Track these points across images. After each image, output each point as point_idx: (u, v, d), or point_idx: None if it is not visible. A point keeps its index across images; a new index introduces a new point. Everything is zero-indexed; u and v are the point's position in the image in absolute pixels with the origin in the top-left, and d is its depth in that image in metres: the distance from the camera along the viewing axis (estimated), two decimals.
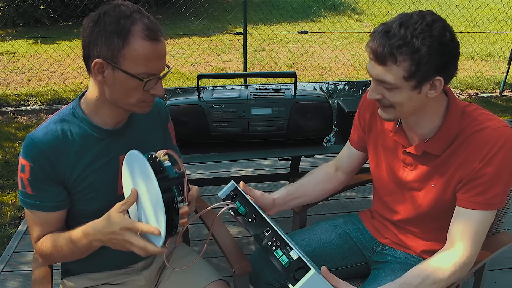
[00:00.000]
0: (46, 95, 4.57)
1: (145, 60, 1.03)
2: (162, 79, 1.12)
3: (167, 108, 1.36)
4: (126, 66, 1.03)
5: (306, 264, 0.97)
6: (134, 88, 1.06)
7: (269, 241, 1.07)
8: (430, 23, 1.04)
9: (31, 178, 1.10)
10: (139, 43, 1.02)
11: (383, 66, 1.07)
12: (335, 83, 2.62)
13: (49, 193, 1.12)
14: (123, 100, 1.09)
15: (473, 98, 4.85)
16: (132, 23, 1.02)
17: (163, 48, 1.07)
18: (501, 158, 1.11)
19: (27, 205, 1.13)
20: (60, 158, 1.10)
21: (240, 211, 1.17)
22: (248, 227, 1.15)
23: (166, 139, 1.34)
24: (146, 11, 1.08)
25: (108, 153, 1.17)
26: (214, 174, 3.12)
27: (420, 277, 1.12)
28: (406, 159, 1.27)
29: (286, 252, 1.02)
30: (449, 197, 1.20)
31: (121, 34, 1.01)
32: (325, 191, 1.49)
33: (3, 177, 3.08)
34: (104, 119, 1.15)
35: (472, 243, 1.15)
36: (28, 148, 1.09)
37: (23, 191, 1.12)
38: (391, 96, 1.11)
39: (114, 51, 1.02)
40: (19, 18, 6.74)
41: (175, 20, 7.17)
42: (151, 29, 1.03)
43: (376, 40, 1.06)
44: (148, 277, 1.35)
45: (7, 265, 2.23)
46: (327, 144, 1.88)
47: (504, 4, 7.88)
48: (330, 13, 8.45)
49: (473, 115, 1.17)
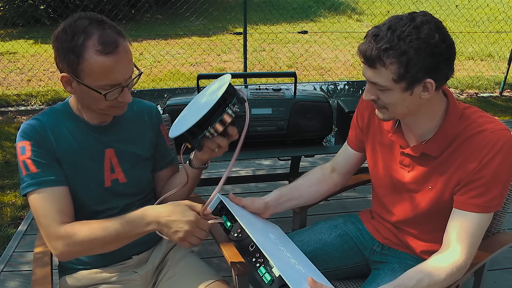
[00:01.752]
0: (46, 95, 4.57)
1: (102, 73, 1.06)
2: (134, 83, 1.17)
3: (159, 111, 1.39)
4: (86, 80, 1.08)
5: (286, 283, 0.96)
6: (100, 98, 1.10)
7: (253, 257, 1.05)
8: (418, 25, 1.04)
9: (33, 155, 1.13)
10: (93, 58, 1.05)
11: (373, 69, 1.09)
12: (335, 83, 2.62)
13: (52, 167, 1.15)
14: (93, 106, 1.16)
15: (473, 98, 4.85)
16: (86, 39, 1.05)
17: (123, 58, 1.08)
18: (499, 161, 1.11)
19: (33, 186, 1.12)
20: (53, 138, 1.17)
21: (226, 225, 1.14)
22: (234, 242, 1.12)
23: (159, 140, 1.37)
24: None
25: (95, 145, 1.23)
26: (214, 174, 3.12)
27: (415, 279, 1.12)
28: (404, 160, 1.27)
29: (269, 269, 1.01)
30: (447, 199, 1.20)
31: (75, 51, 1.05)
32: (319, 193, 1.48)
33: (3, 177, 3.08)
34: (90, 118, 1.22)
35: (468, 245, 1.14)
36: (25, 131, 1.15)
37: (27, 174, 1.13)
38: (384, 97, 1.13)
39: (73, 67, 1.07)
40: (19, 18, 6.74)
41: (175, 20, 7.17)
42: (105, 43, 1.05)
43: (365, 43, 1.08)
44: (144, 277, 1.35)
45: (7, 265, 2.23)
46: (327, 144, 1.88)
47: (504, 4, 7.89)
48: (330, 13, 8.45)
49: (472, 117, 1.16)
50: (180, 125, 1.13)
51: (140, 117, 1.33)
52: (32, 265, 1.31)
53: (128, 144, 1.28)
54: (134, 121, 1.31)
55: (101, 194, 1.24)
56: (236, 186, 2.92)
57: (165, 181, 1.40)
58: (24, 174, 1.14)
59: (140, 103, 1.36)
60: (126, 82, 1.11)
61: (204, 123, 1.06)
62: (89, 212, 1.23)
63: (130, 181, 1.28)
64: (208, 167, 1.30)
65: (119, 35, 1.08)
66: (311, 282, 1.06)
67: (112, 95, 1.10)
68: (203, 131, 1.08)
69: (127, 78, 1.12)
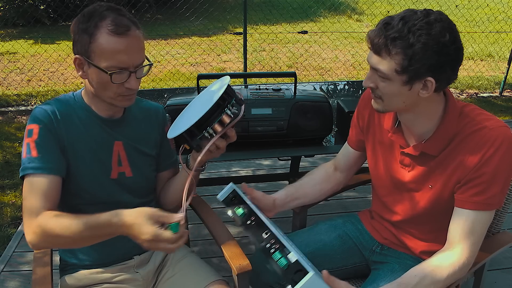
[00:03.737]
0: (46, 95, 4.57)
1: (111, 53, 1.09)
2: (144, 73, 1.18)
3: (165, 113, 1.40)
4: (96, 61, 1.11)
5: (304, 267, 0.97)
6: (108, 81, 1.12)
7: (267, 243, 1.06)
8: (431, 21, 1.03)
9: (39, 139, 1.15)
10: (104, 37, 1.08)
11: (378, 56, 1.09)
12: (335, 83, 2.62)
13: (53, 155, 1.16)
14: (102, 93, 1.17)
15: (473, 98, 4.85)
16: (100, 19, 1.09)
17: (133, 43, 1.11)
18: (499, 159, 1.11)
19: (30, 170, 1.13)
20: (63, 125, 1.18)
21: (239, 213, 1.16)
22: (246, 229, 1.15)
23: (163, 141, 1.38)
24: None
25: (104, 136, 1.24)
26: (214, 174, 3.12)
27: (418, 277, 1.12)
28: (404, 160, 1.27)
29: (284, 254, 1.02)
30: (447, 198, 1.20)
31: (89, 30, 1.09)
32: (324, 191, 1.49)
33: (3, 177, 3.08)
34: (99, 110, 1.24)
35: (471, 244, 1.14)
36: (37, 114, 1.16)
37: (27, 157, 1.14)
38: (383, 87, 1.12)
39: (85, 46, 1.10)
40: (19, 18, 6.74)
41: (175, 20, 7.16)
42: (118, 24, 1.09)
43: (375, 30, 1.08)
44: (146, 277, 1.35)
45: (7, 265, 2.23)
46: (327, 144, 1.88)
47: (504, 4, 7.88)
48: (330, 13, 8.45)
49: (470, 115, 1.16)
50: (179, 126, 1.14)
51: (147, 115, 1.34)
52: (32, 265, 1.31)
53: (135, 140, 1.30)
54: (141, 119, 1.33)
55: (107, 184, 1.25)
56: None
57: (165, 182, 1.40)
58: (24, 157, 1.15)
59: (148, 103, 1.38)
60: (134, 68, 1.13)
61: (203, 123, 1.07)
62: (92, 202, 1.23)
63: (136, 176, 1.29)
64: (205, 169, 1.30)
65: (133, 23, 1.12)
66: (326, 276, 1.04)
67: (119, 78, 1.12)
68: (202, 131, 1.08)
69: (136, 65, 1.13)
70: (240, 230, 2.51)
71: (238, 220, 1.17)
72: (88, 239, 1.08)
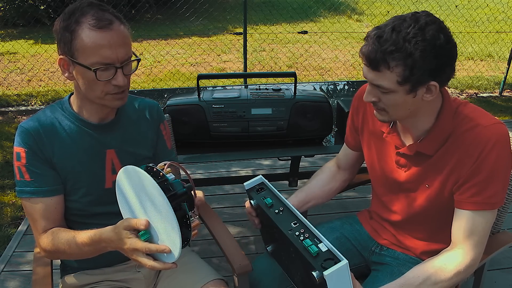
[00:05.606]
0: (46, 95, 4.57)
1: (94, 49, 1.05)
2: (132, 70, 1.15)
3: (161, 110, 1.37)
4: (80, 59, 1.06)
5: (336, 257, 0.99)
6: (93, 79, 1.07)
7: (296, 231, 1.07)
8: (423, 26, 1.02)
9: (28, 163, 1.13)
10: (86, 33, 1.04)
11: (377, 72, 1.06)
12: (335, 83, 2.62)
13: (46, 177, 1.15)
14: (90, 94, 1.12)
15: (472, 98, 4.85)
16: (81, 15, 1.05)
17: (117, 37, 1.06)
18: (495, 157, 1.10)
19: (26, 194, 1.14)
20: (48, 143, 1.15)
21: (267, 202, 1.17)
22: (274, 218, 1.14)
23: (158, 139, 1.34)
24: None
25: (95, 146, 1.20)
26: (214, 174, 3.12)
27: (421, 277, 1.12)
28: (400, 160, 1.26)
29: (315, 242, 1.03)
30: (446, 197, 1.20)
31: (70, 27, 1.05)
32: (333, 190, 1.51)
33: (3, 177, 3.09)
34: (90, 114, 1.19)
35: (475, 244, 1.14)
36: (20, 136, 1.14)
37: (21, 181, 1.14)
38: (387, 99, 1.11)
39: (68, 45, 1.06)
40: (20, 18, 6.73)
41: (175, 20, 7.16)
42: (99, 19, 1.04)
43: (368, 45, 1.05)
44: (147, 276, 1.35)
45: (7, 265, 2.23)
46: (327, 144, 1.88)
47: (504, 4, 7.88)
48: (330, 13, 8.45)
49: (464, 112, 1.15)
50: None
51: (141, 114, 1.31)
52: (32, 265, 1.32)
53: (130, 144, 1.26)
54: (136, 120, 1.29)
55: (101, 195, 1.23)
56: (236, 186, 2.92)
57: None
58: (18, 179, 1.15)
59: (142, 101, 1.34)
60: (120, 64, 1.08)
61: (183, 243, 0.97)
62: (88, 214, 1.22)
63: None
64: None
65: (117, 18, 1.08)
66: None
67: (104, 75, 1.07)
68: (186, 245, 1.00)
69: (122, 60, 1.09)
70: (240, 230, 2.51)
71: (264, 209, 1.17)
72: (92, 252, 1.11)
